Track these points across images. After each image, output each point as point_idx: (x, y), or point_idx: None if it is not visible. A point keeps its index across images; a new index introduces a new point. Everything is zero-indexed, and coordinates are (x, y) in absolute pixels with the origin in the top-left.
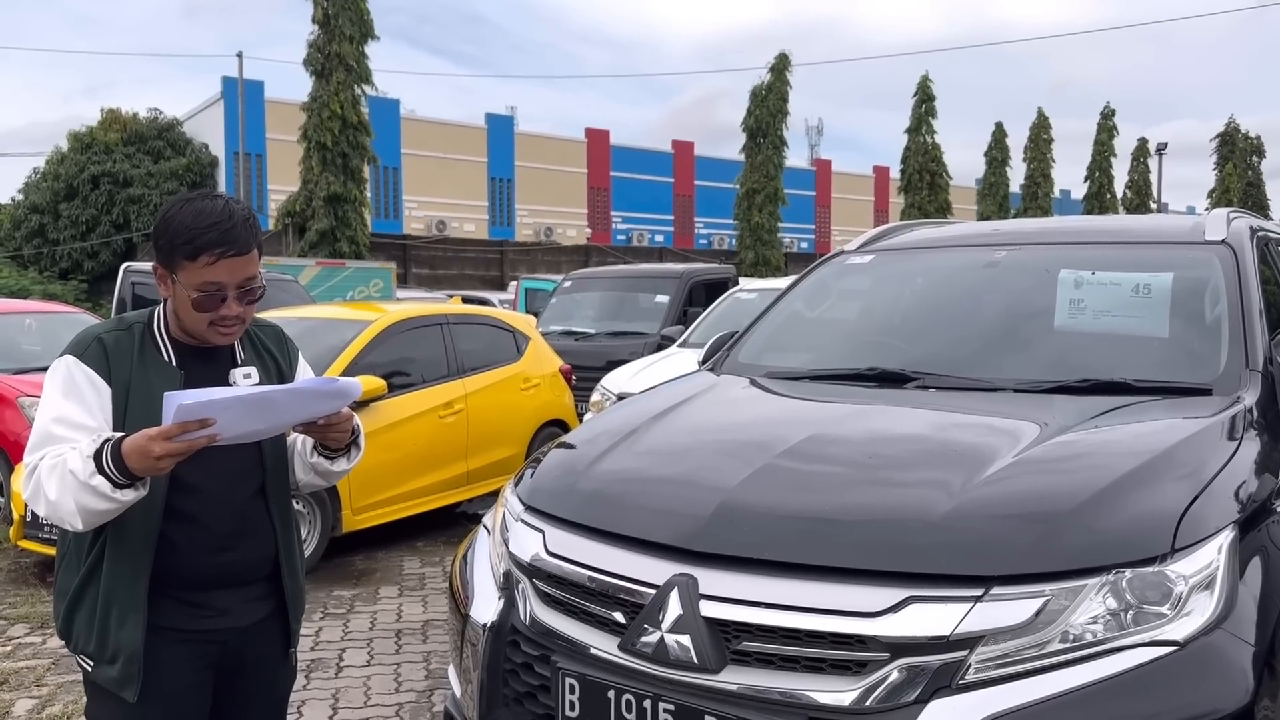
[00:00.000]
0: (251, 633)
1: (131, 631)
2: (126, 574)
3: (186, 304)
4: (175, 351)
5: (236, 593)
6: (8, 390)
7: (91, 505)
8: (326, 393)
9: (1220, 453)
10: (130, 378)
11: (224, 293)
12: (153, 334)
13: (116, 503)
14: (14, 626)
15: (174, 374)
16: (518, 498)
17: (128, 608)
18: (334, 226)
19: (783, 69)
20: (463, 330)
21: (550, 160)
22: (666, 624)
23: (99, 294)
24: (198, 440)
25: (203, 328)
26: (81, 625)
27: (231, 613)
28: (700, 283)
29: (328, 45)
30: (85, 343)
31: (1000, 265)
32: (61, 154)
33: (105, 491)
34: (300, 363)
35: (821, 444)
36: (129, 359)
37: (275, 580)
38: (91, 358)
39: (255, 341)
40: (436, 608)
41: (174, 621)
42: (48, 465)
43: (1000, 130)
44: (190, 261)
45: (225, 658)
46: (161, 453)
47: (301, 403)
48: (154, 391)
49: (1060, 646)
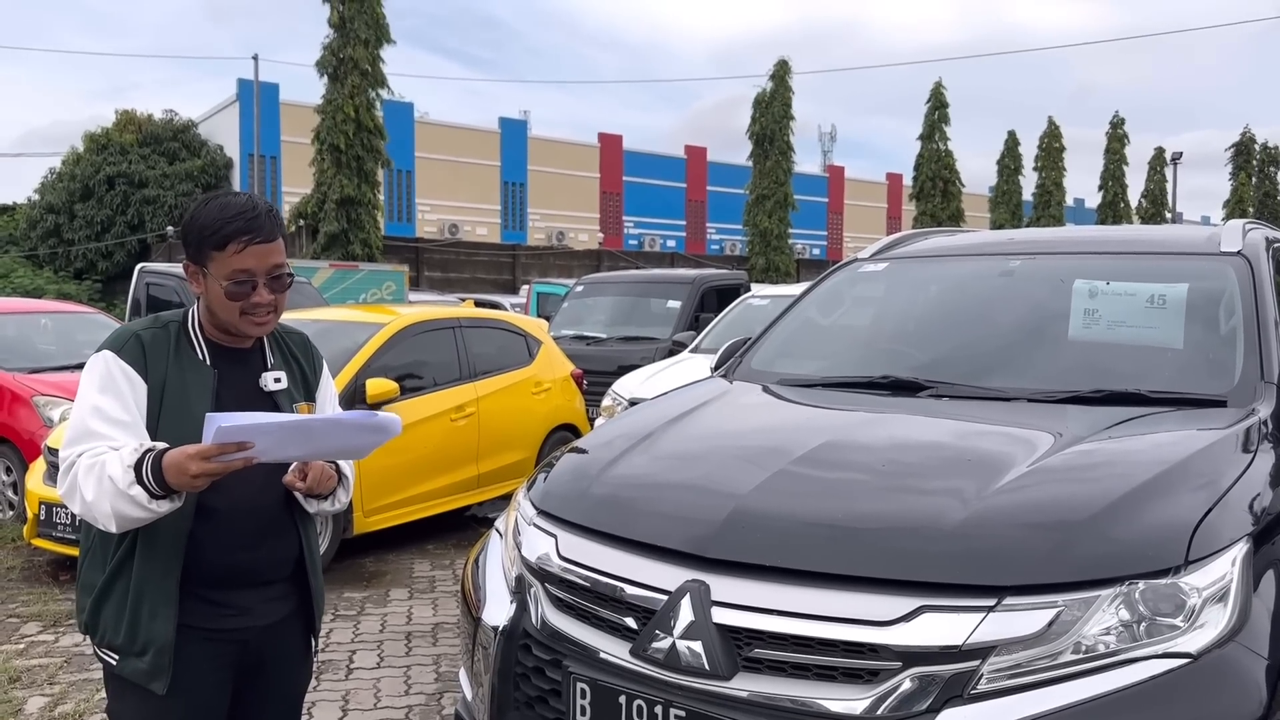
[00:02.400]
0: (272, 632)
1: (163, 624)
2: (159, 569)
3: (219, 296)
4: (210, 350)
5: (258, 592)
6: (22, 389)
7: (128, 513)
8: (367, 426)
9: (1235, 465)
10: (166, 375)
11: (254, 280)
12: (188, 333)
13: (153, 513)
14: (27, 624)
15: (208, 372)
16: (530, 502)
17: (159, 602)
18: (346, 229)
19: (784, 76)
20: (475, 334)
21: (563, 164)
22: (678, 630)
23: (113, 294)
24: (234, 462)
25: (235, 318)
26: (109, 618)
27: (253, 612)
28: (712, 288)
29: (342, 49)
30: (123, 339)
31: (1015, 274)
32: (77, 154)
33: (142, 502)
34: (324, 372)
35: (834, 451)
36: (165, 356)
37: (296, 580)
38: (129, 354)
39: (283, 347)
40: (446, 610)
41: (197, 620)
42: (85, 465)
43: (1013, 138)
44: (219, 252)
45: (246, 656)
46: (198, 471)
47: (341, 434)
48: (189, 389)
49: (1073, 657)
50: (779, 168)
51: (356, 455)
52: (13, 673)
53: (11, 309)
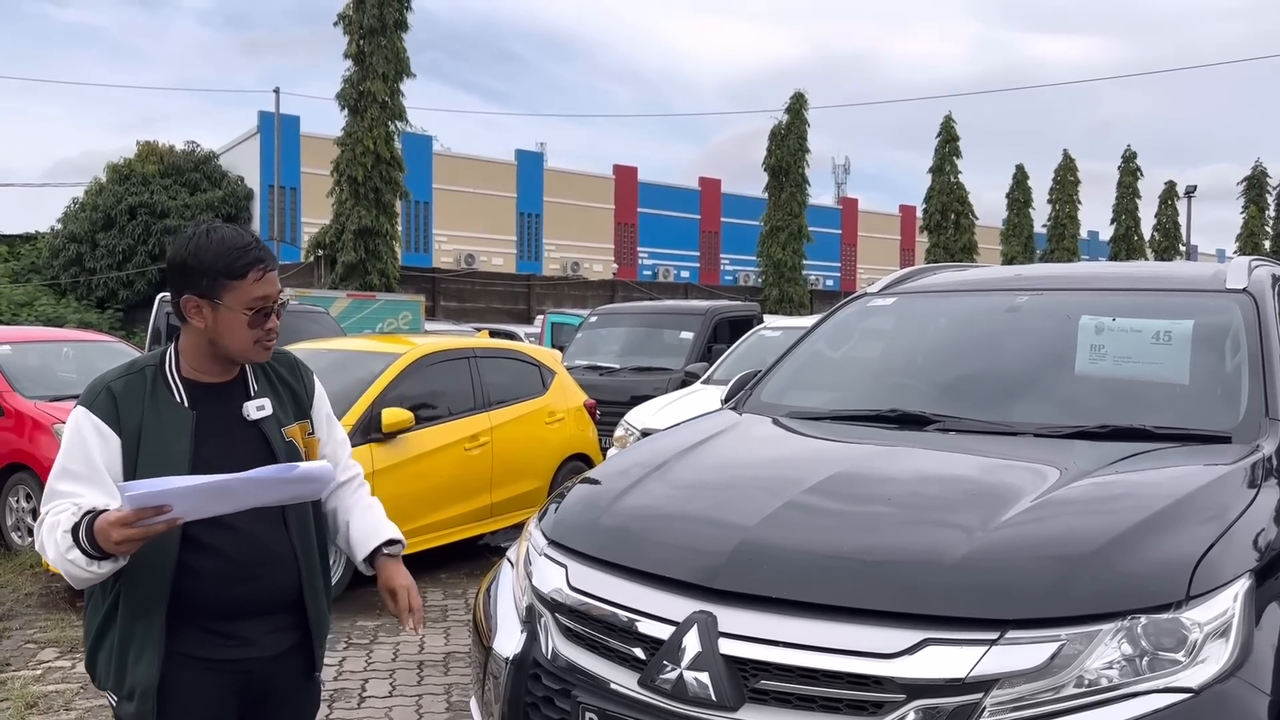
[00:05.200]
0: (278, 662)
1: (146, 668)
2: (142, 611)
3: (237, 326)
4: (187, 390)
5: (261, 622)
6: (43, 417)
7: (73, 573)
8: (288, 480)
9: (1238, 500)
10: (141, 421)
11: (270, 307)
12: (164, 375)
13: (94, 574)
14: (44, 650)
15: (185, 415)
16: (541, 532)
17: (144, 644)
18: (364, 259)
19: (799, 109)
20: (489, 364)
21: (578, 196)
22: (686, 661)
23: (134, 323)
24: (155, 525)
25: (249, 346)
26: (103, 662)
27: (257, 642)
28: (725, 319)
29: (362, 82)
30: (95, 393)
31: (1022, 310)
32: (100, 185)
33: (81, 564)
34: (317, 389)
35: (842, 484)
36: (140, 403)
37: (300, 609)
38: (100, 407)
39: (269, 372)
40: (458, 640)
41: (199, 650)
42: (48, 524)
43: (1021, 172)
44: (239, 280)
45: (251, 686)
46: (120, 538)
47: (263, 489)
48: (166, 433)
49: (1075, 691)
50: (794, 200)
51: (302, 500)
52: (30, 698)
53: (33, 337)
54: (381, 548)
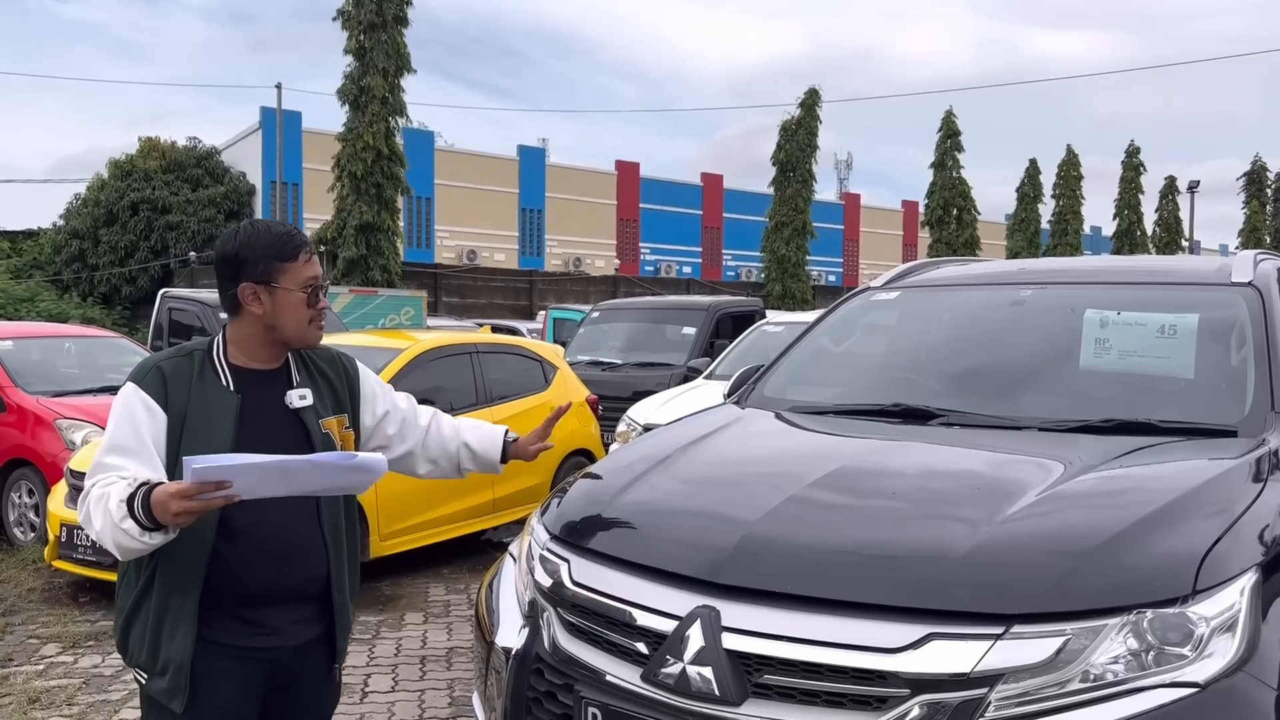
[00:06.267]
0: (302, 652)
1: (181, 643)
2: (178, 588)
3: (295, 306)
4: (234, 376)
5: (288, 611)
6: (46, 413)
7: (124, 543)
8: (348, 467)
9: (1244, 495)
10: (188, 403)
11: (321, 285)
12: (212, 361)
13: (146, 545)
14: (46, 646)
15: (231, 398)
16: (544, 527)
17: (178, 620)
18: (366, 255)
19: (813, 104)
20: (491, 359)
21: (580, 192)
22: (688, 655)
23: (137, 319)
24: (214, 500)
25: (305, 327)
26: (136, 638)
27: (282, 631)
28: (727, 315)
29: (362, 77)
30: (145, 371)
31: (1026, 304)
32: (102, 180)
33: (134, 534)
34: (364, 378)
35: (845, 479)
36: (187, 385)
37: (326, 601)
38: (150, 385)
39: (310, 365)
40: (461, 635)
41: (226, 637)
42: (96, 495)
43: (1034, 166)
44: (292, 262)
45: (275, 675)
46: (179, 510)
47: (321, 474)
48: (211, 415)
49: (1080, 686)
50: (799, 195)
51: (350, 492)
52: (32, 693)
53: (36, 333)
54: (507, 442)
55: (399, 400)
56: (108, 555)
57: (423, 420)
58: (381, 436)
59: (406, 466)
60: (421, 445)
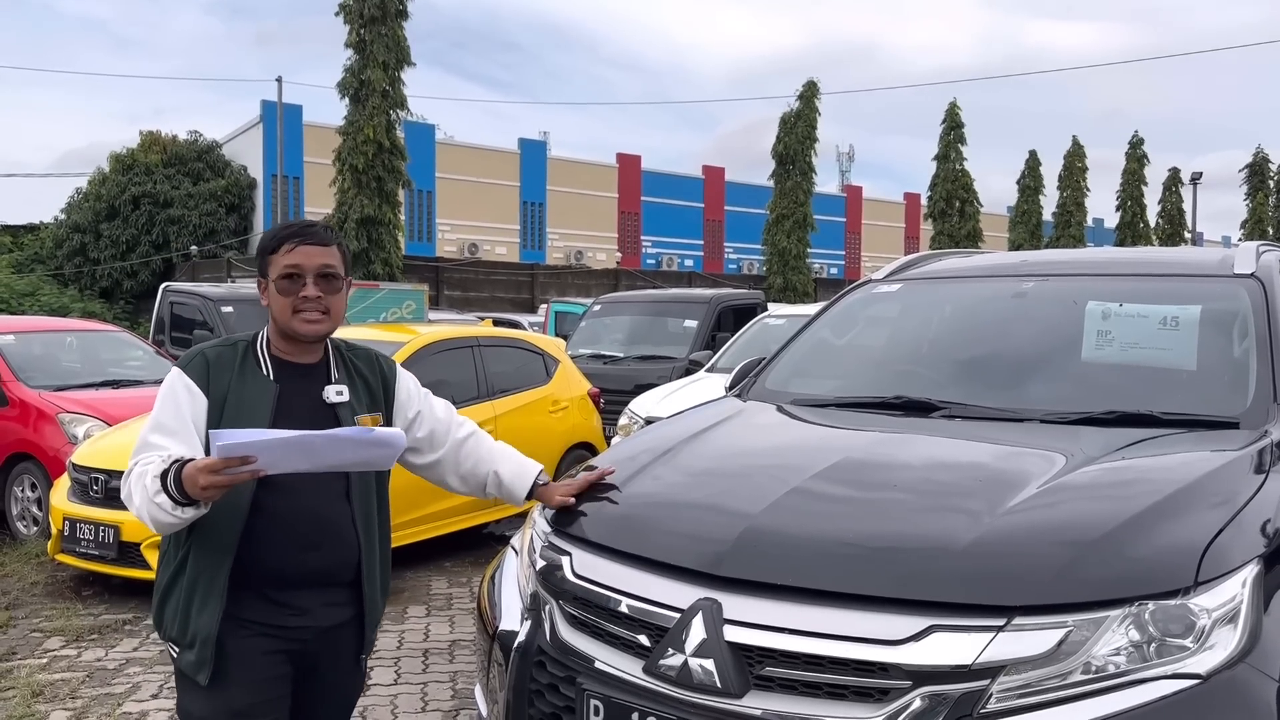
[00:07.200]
0: (329, 635)
1: (210, 617)
2: (210, 563)
3: (274, 297)
4: (274, 366)
5: (318, 594)
6: (48, 407)
7: (159, 517)
8: (366, 441)
9: (1246, 486)
10: (228, 389)
11: (303, 276)
12: (255, 351)
13: (179, 519)
14: (50, 639)
15: (269, 387)
16: (545, 520)
17: (208, 595)
18: (367, 248)
19: (811, 97)
20: (493, 353)
21: (581, 185)
22: (690, 648)
23: (138, 313)
24: (240, 474)
25: (289, 318)
26: (170, 613)
27: (311, 613)
28: (729, 308)
29: (363, 71)
30: (191, 356)
31: (1028, 296)
32: (103, 175)
33: (167, 508)
34: (400, 380)
35: (846, 471)
36: (229, 372)
37: (356, 586)
38: (194, 369)
39: (348, 364)
40: (463, 628)
41: (255, 615)
42: (136, 473)
43: (1034, 158)
44: (274, 255)
45: (304, 657)
46: (206, 483)
47: (342, 448)
48: (250, 402)
49: (1082, 677)
50: (799, 188)
51: (373, 467)
52: (35, 687)
53: (37, 327)
54: (537, 483)
55: (436, 407)
56: (110, 549)
57: (460, 433)
58: (410, 439)
59: (436, 476)
60: (455, 458)
